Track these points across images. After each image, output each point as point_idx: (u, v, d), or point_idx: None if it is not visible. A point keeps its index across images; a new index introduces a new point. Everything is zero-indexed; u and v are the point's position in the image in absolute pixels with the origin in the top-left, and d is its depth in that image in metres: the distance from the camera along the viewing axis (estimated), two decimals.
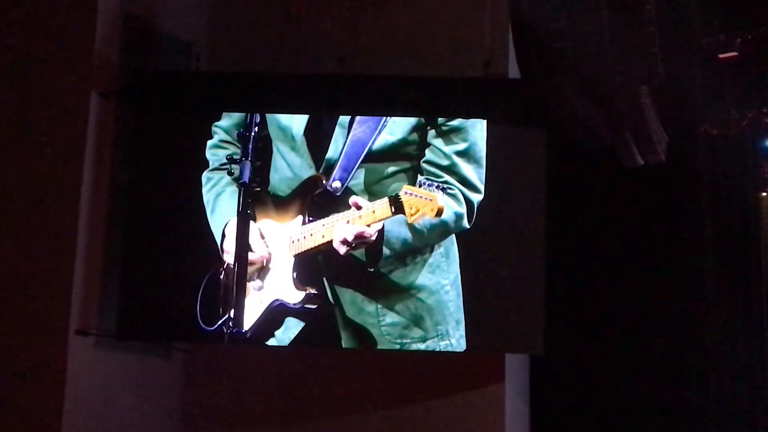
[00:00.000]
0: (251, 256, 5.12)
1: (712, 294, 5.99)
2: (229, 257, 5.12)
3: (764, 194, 6.04)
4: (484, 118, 5.15)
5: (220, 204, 5.27)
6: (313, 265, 5.17)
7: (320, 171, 5.17)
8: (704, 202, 6.04)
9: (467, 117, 5.13)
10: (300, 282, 5.15)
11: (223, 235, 5.21)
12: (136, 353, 5.51)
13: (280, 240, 5.19)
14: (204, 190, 5.32)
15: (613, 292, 6.01)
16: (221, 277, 5.19)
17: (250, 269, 5.09)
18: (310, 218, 5.13)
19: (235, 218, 5.07)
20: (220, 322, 5.05)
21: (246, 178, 4.98)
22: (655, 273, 5.99)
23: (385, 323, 5.15)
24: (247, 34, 5.94)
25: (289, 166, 5.25)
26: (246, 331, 5.11)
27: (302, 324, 5.21)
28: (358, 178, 5.13)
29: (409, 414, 5.68)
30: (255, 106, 5.28)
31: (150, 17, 5.61)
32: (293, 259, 5.15)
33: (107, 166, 5.28)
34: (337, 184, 5.12)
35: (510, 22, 4.88)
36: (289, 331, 5.21)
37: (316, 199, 5.15)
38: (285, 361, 5.69)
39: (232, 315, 4.93)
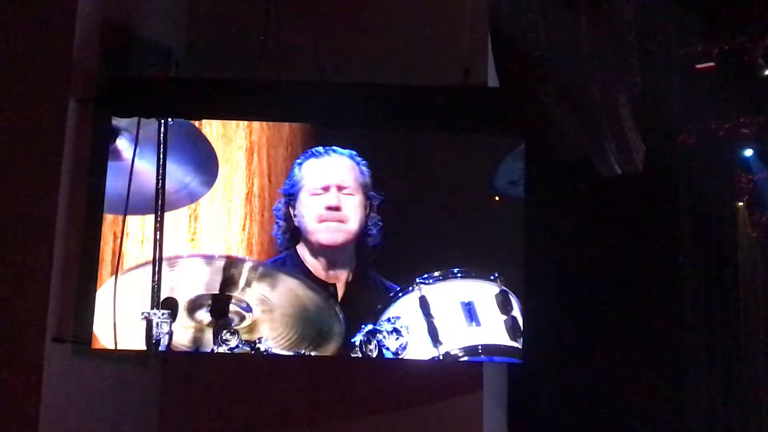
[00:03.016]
0: None
1: (690, 303, 6.02)
2: None
3: (741, 204, 6.09)
4: (463, 127, 5.08)
5: None
6: None
7: None
8: (681, 212, 6.07)
9: (446, 126, 5.07)
10: None
11: None
12: (113, 361, 5.47)
13: None
14: None
15: (590, 300, 6.04)
16: None
17: None
18: None
19: None
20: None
21: None
22: (632, 282, 6.02)
23: None
24: (227, 41, 5.93)
25: None
26: None
27: None
28: None
29: (388, 422, 5.67)
30: (234, 113, 5.27)
31: (129, 23, 5.59)
32: None
33: (85, 172, 5.24)
34: None
35: (489, 31, 4.90)
36: None
37: None
38: (263, 369, 5.67)
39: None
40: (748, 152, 6.11)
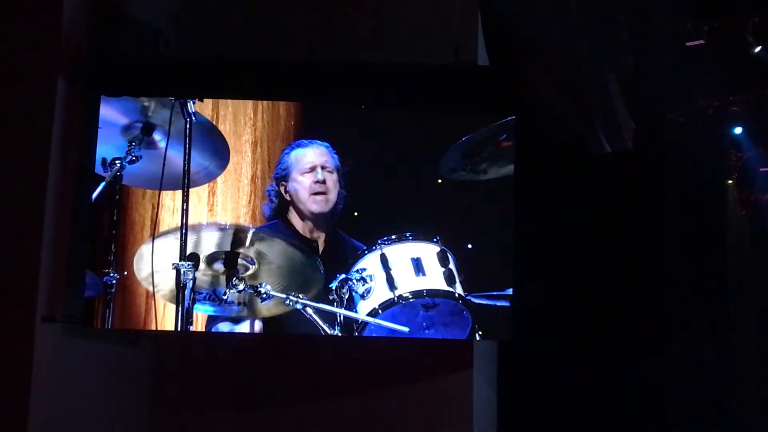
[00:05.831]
0: None
1: (679, 281, 6.05)
2: None
3: (730, 182, 6.10)
4: (452, 105, 5.18)
5: None
6: None
7: None
8: (671, 190, 6.09)
9: (435, 105, 5.20)
10: None
11: None
12: (104, 340, 5.48)
13: None
14: None
15: (580, 279, 6.06)
16: None
17: None
18: None
19: None
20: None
21: None
22: (621, 260, 6.04)
23: None
24: (217, 19, 5.92)
25: None
26: None
27: None
28: None
29: (377, 400, 5.70)
30: (224, 92, 5.29)
31: (118, 2, 5.56)
32: None
33: (73, 152, 5.23)
34: None
35: (479, 9, 4.89)
36: None
37: None
38: (255, 348, 5.69)
39: None
40: (738, 130, 6.13)
